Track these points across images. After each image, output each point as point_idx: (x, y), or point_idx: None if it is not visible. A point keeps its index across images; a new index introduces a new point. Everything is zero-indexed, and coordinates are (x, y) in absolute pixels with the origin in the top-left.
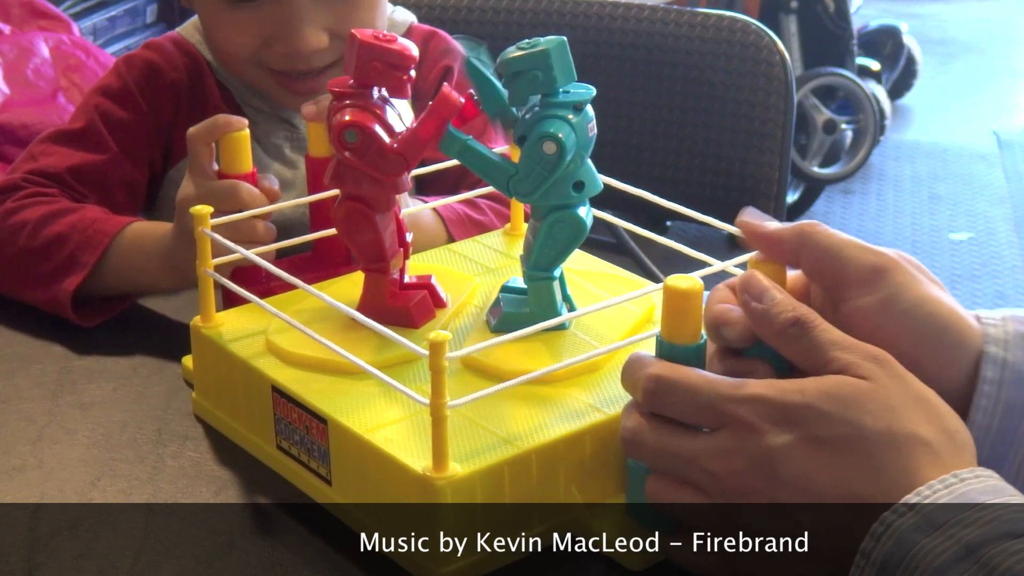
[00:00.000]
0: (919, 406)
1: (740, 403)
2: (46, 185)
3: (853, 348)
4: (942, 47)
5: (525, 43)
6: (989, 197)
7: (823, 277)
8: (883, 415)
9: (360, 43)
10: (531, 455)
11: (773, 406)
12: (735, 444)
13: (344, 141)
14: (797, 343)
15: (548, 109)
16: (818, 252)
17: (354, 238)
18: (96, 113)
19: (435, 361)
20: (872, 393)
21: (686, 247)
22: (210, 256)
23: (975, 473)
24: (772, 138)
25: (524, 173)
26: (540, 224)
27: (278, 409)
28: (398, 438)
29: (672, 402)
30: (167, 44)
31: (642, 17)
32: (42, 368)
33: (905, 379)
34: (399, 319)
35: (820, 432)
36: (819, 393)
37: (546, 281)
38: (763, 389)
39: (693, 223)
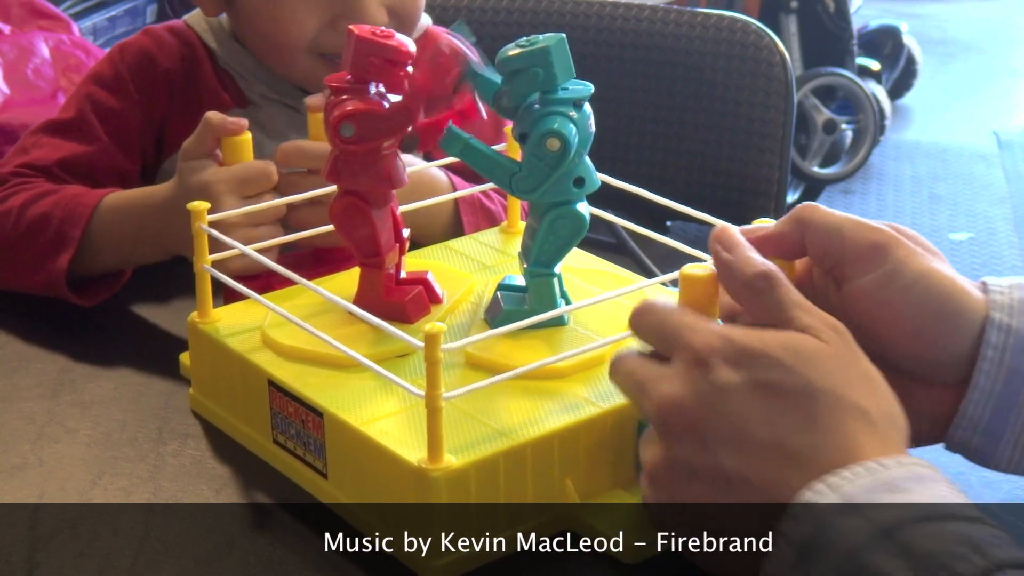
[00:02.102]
0: (867, 382)
1: (698, 333)
2: (32, 176)
3: (814, 313)
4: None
5: (524, 41)
6: (989, 197)
7: (825, 256)
8: (833, 378)
9: (357, 39)
10: (526, 448)
11: (730, 343)
12: (683, 372)
13: (341, 135)
14: (761, 297)
15: (549, 106)
16: (819, 232)
17: (350, 233)
18: (88, 102)
19: (430, 352)
20: (827, 355)
21: (686, 246)
22: (207, 252)
23: (899, 461)
24: (772, 138)
25: (527, 170)
26: (540, 221)
27: (274, 403)
28: (393, 431)
29: (647, 322)
30: (163, 32)
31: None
32: (42, 367)
33: (857, 354)
34: (394, 314)
35: (769, 377)
36: (777, 343)
37: (547, 278)
38: (726, 328)
39: (693, 223)
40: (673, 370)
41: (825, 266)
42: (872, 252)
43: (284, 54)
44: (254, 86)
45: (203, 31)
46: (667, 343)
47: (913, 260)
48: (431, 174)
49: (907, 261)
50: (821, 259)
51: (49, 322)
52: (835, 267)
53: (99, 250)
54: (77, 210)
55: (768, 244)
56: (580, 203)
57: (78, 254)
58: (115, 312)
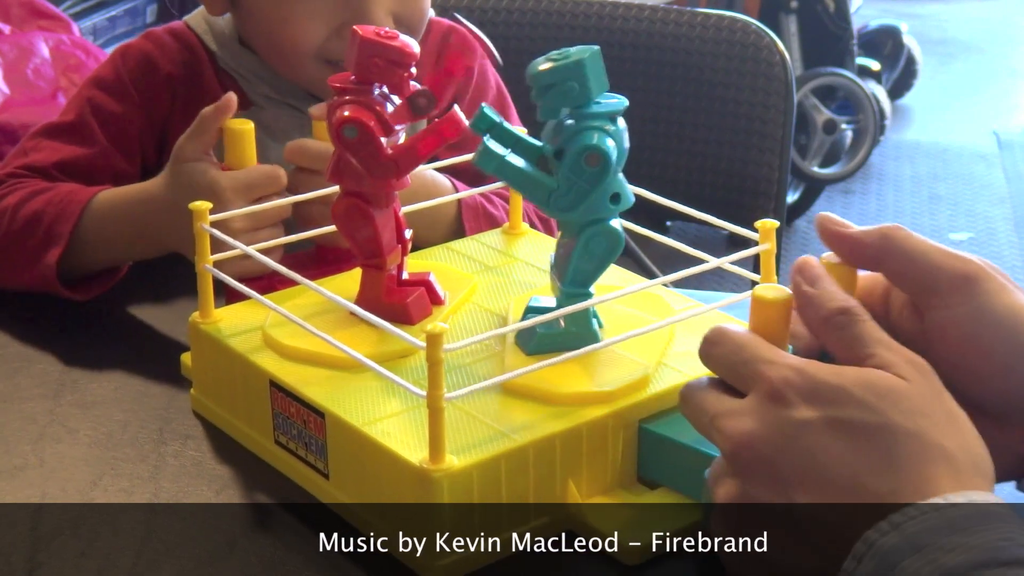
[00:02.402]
0: (951, 422)
1: (774, 366)
2: (29, 177)
3: (896, 350)
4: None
5: (555, 54)
6: (989, 197)
7: (910, 283)
8: (915, 417)
9: (361, 39)
10: (528, 448)
11: (806, 378)
12: (757, 407)
13: (344, 136)
14: (841, 332)
15: (585, 120)
16: (904, 257)
17: (352, 234)
18: (88, 105)
19: (432, 353)
20: (908, 393)
21: (686, 246)
22: (209, 252)
23: (968, 497)
24: (772, 138)
25: (565, 188)
26: (574, 240)
27: (276, 404)
28: (395, 431)
29: (719, 353)
30: (165, 35)
31: (642, 17)
32: (43, 367)
33: (942, 392)
34: (396, 315)
35: (846, 415)
36: (856, 379)
37: (583, 298)
38: (803, 362)
39: (693, 223)
40: (747, 404)
41: (909, 291)
42: (963, 284)
43: (291, 60)
44: (257, 87)
45: (203, 32)
46: (740, 376)
47: (1004, 295)
48: (433, 178)
49: (998, 296)
50: (902, 283)
51: (50, 322)
52: (920, 294)
53: (91, 246)
54: (69, 207)
55: (845, 244)
56: (614, 220)
57: (69, 250)
58: (116, 312)
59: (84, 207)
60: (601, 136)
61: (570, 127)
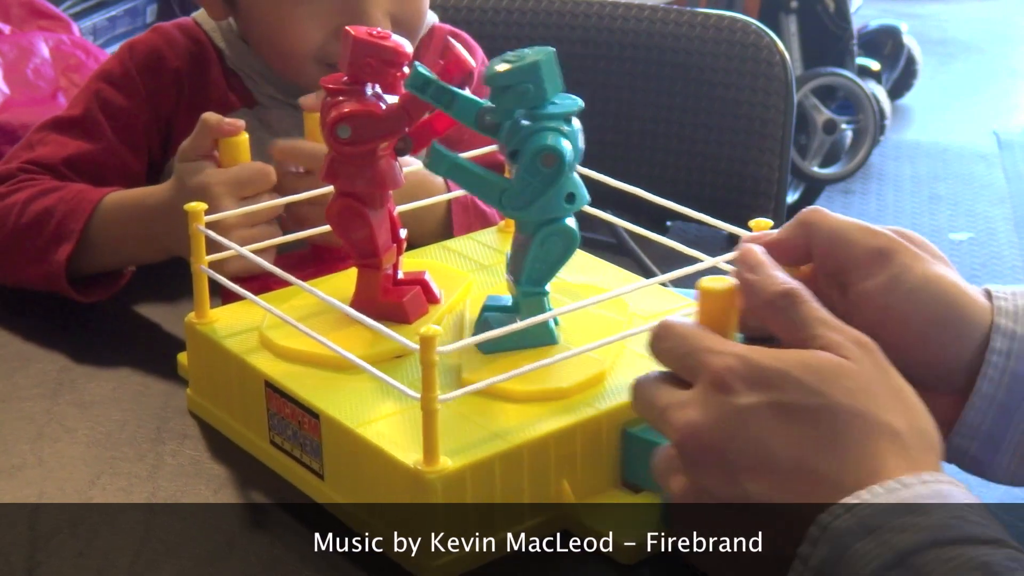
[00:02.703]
0: (896, 397)
1: (717, 355)
2: (39, 174)
3: (840, 329)
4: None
5: (511, 55)
6: (989, 197)
7: (830, 261)
8: (859, 396)
9: (354, 39)
10: (522, 450)
11: (748, 365)
12: (703, 396)
13: (337, 136)
14: (784, 315)
15: (540, 122)
16: (824, 237)
17: (348, 234)
18: (96, 100)
19: (426, 355)
20: (851, 372)
21: (686, 247)
22: (204, 253)
23: (921, 479)
24: (772, 138)
25: (519, 187)
26: (529, 239)
27: (271, 404)
28: (389, 432)
29: (666, 347)
30: (173, 30)
31: (642, 17)
32: (42, 367)
33: (887, 369)
34: (392, 315)
35: (790, 398)
36: (797, 362)
37: (538, 296)
38: (744, 349)
39: (693, 223)
40: (693, 395)
41: (829, 271)
42: (877, 257)
43: (290, 62)
44: (262, 87)
45: (211, 30)
46: (686, 367)
47: (918, 265)
48: (424, 174)
49: (912, 266)
50: (825, 264)
51: (49, 322)
52: (840, 272)
53: (98, 248)
54: (80, 206)
55: (772, 250)
56: (569, 219)
57: (78, 250)
58: (115, 312)
59: (95, 205)
60: (556, 136)
61: (525, 128)
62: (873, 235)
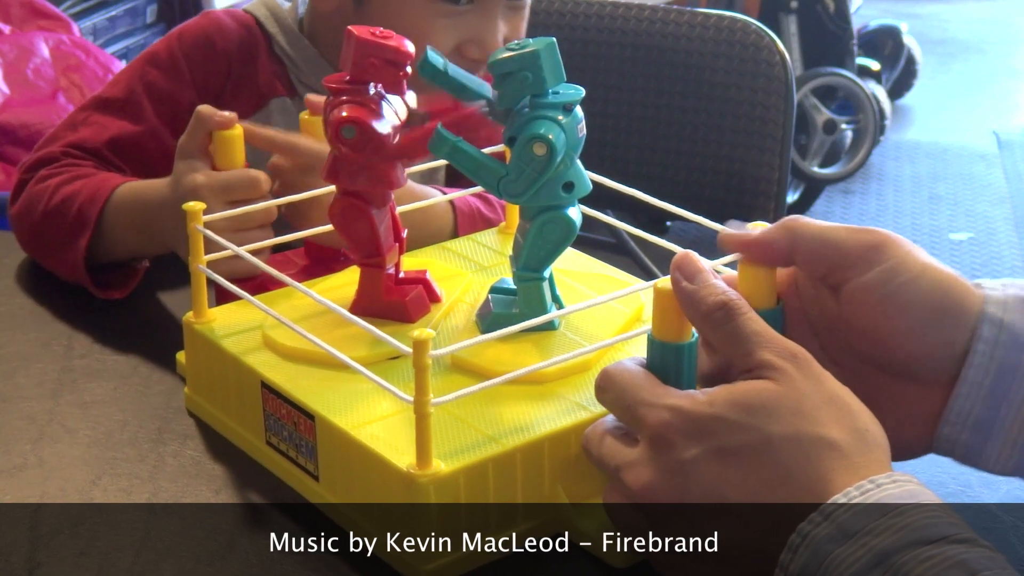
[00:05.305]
0: (830, 406)
1: (654, 409)
2: (83, 158)
3: (773, 343)
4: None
5: (515, 44)
6: (989, 197)
7: (820, 264)
8: (790, 420)
9: (357, 39)
10: (516, 453)
11: (684, 417)
12: (649, 456)
13: (342, 137)
14: (721, 329)
15: (538, 110)
16: (811, 242)
17: (350, 233)
18: (140, 82)
19: (419, 359)
20: (780, 398)
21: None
22: (203, 252)
23: (892, 478)
24: (772, 138)
25: (515, 174)
26: (530, 225)
27: (267, 405)
28: (384, 435)
29: (608, 399)
30: (223, 15)
31: (642, 17)
32: (43, 367)
33: (819, 379)
34: (395, 314)
35: (727, 442)
36: (726, 403)
37: (536, 282)
38: (678, 400)
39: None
40: (640, 454)
41: (819, 274)
42: (870, 252)
43: None
44: (309, 79)
45: (264, 17)
46: (628, 419)
47: (914, 256)
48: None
49: (908, 257)
50: (814, 267)
51: (49, 322)
52: (830, 273)
53: (107, 236)
54: (98, 193)
55: (755, 248)
56: (571, 208)
57: (95, 238)
58: (115, 312)
59: (110, 194)
60: (549, 125)
61: (523, 115)
62: (861, 232)
